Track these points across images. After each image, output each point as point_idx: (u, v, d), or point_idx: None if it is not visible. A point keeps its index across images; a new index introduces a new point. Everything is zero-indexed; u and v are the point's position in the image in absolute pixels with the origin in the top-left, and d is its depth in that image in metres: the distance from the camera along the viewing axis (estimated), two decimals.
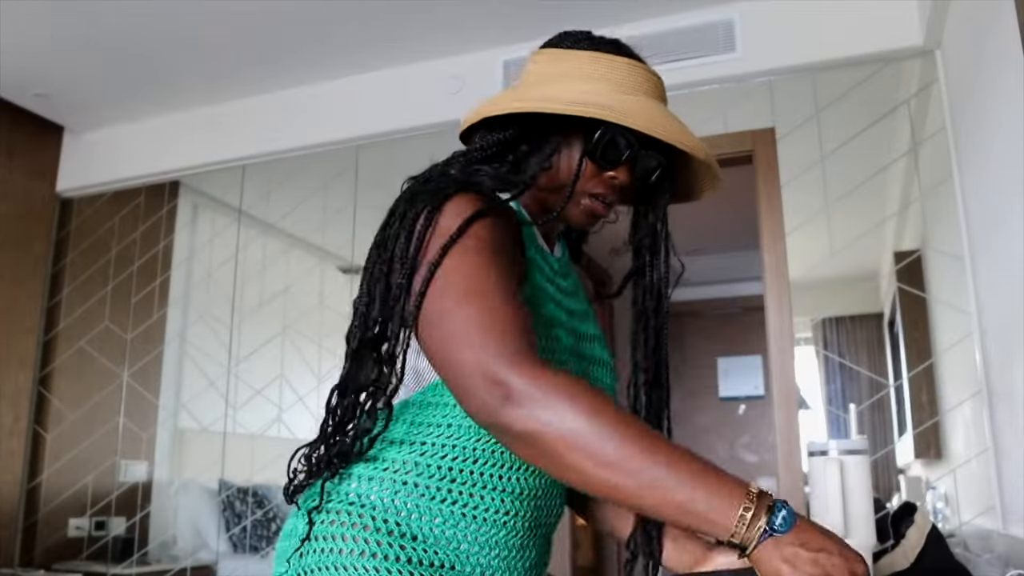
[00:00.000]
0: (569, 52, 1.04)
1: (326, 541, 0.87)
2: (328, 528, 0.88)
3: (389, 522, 0.87)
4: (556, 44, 1.07)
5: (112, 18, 2.67)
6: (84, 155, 3.51)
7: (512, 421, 0.74)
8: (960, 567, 1.29)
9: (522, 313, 0.81)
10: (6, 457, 3.16)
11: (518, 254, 0.93)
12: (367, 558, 0.85)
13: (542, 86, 1.01)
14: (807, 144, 2.47)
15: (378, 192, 3.15)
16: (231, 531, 3.18)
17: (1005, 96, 1.71)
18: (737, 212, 3.06)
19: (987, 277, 2.03)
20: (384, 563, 0.84)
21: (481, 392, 0.75)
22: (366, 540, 0.86)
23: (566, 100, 0.95)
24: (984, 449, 2.08)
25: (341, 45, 2.88)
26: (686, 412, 5.54)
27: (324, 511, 0.89)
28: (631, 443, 0.73)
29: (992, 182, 1.90)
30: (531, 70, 1.06)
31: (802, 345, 2.55)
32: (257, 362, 3.17)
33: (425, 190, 0.90)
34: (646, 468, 0.72)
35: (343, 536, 0.86)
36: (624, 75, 1.02)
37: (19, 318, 3.28)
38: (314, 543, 0.88)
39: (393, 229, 0.89)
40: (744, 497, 0.72)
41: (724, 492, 0.73)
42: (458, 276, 0.82)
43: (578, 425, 0.73)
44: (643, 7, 2.64)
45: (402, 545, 0.86)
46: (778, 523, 0.72)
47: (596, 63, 1.01)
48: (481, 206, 0.88)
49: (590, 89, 0.98)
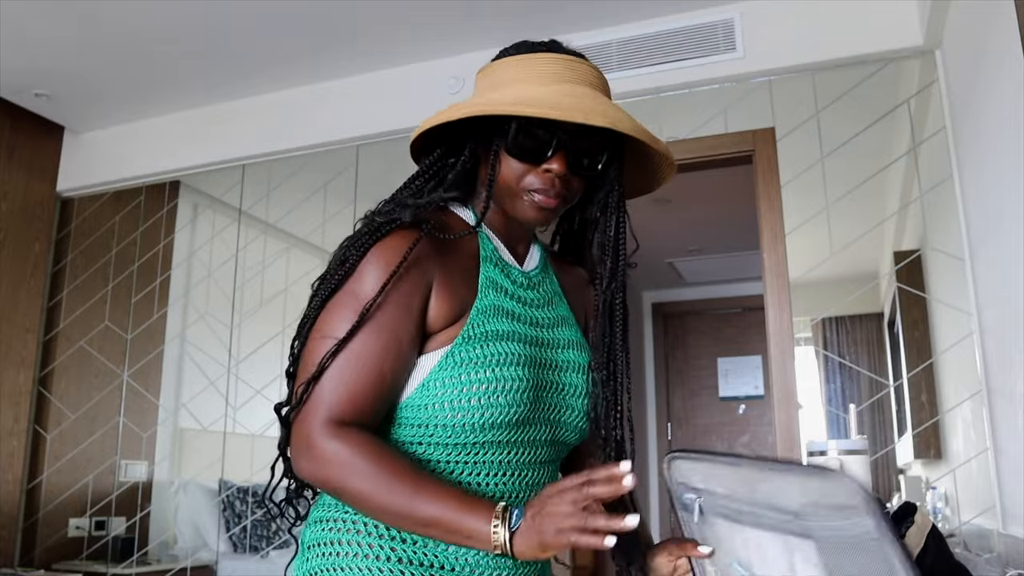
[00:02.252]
0: (494, 64, 1.07)
1: (327, 546, 0.97)
2: (327, 534, 0.98)
3: (380, 526, 0.95)
4: (491, 62, 1.10)
5: (112, 18, 2.67)
6: (84, 155, 3.51)
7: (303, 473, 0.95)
8: (960, 567, 1.29)
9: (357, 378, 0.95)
10: (6, 457, 3.16)
11: (418, 292, 0.98)
12: (360, 559, 0.94)
13: (459, 104, 1.04)
14: (807, 144, 2.47)
15: (378, 192, 3.15)
16: (231, 531, 3.18)
17: (1005, 96, 1.71)
18: (737, 212, 3.06)
19: (987, 277, 2.03)
20: (376, 563, 0.94)
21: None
22: (359, 543, 0.95)
23: (463, 110, 1.00)
24: (984, 449, 2.08)
25: (341, 45, 2.88)
26: (686, 412, 5.54)
27: (324, 520, 1.00)
28: (401, 494, 0.88)
29: (992, 182, 1.90)
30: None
31: (802, 345, 2.55)
32: (257, 362, 3.16)
33: (352, 244, 0.98)
34: (408, 511, 0.88)
35: (339, 540, 0.96)
36: (543, 69, 1.03)
37: (19, 318, 3.28)
38: (317, 548, 0.98)
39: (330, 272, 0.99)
40: (491, 515, 0.85)
41: (478, 514, 0.85)
42: (325, 329, 0.96)
43: (361, 485, 0.90)
44: (643, 7, 2.65)
45: (392, 547, 0.95)
46: (514, 521, 0.84)
47: (514, 67, 1.04)
48: (398, 251, 0.95)
49: (502, 92, 1.02)
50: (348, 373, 0.92)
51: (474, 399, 0.96)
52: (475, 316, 0.99)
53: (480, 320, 0.99)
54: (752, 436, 5.38)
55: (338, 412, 0.92)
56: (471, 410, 0.96)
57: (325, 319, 0.95)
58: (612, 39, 2.73)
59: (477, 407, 0.96)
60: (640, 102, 2.70)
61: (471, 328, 0.98)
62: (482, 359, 0.97)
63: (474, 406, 0.96)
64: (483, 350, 0.98)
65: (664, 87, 2.67)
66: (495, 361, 0.98)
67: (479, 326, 0.99)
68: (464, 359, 0.97)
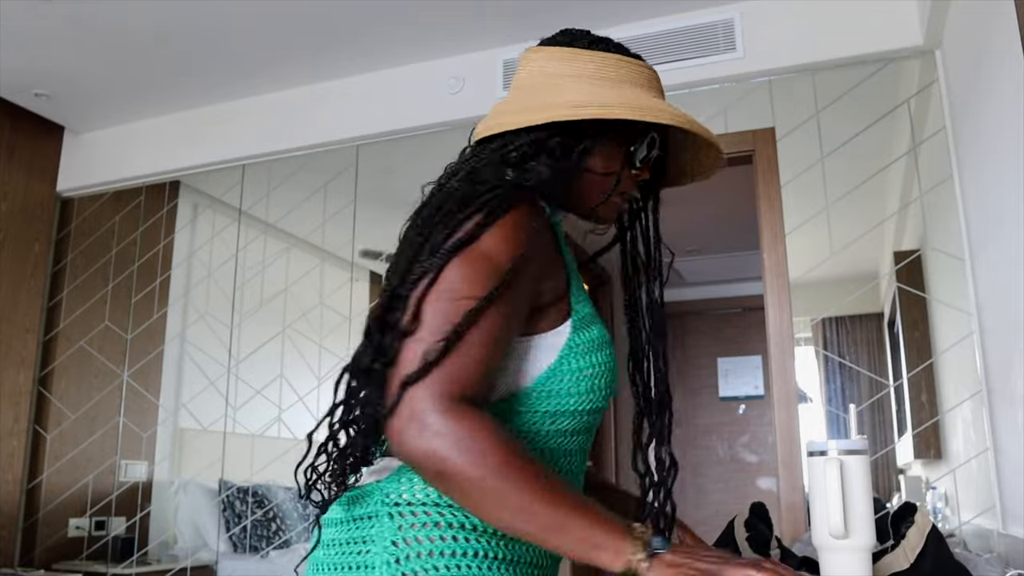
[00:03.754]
0: (573, 51, 1.04)
1: (418, 544, 0.87)
2: (410, 532, 0.87)
3: (458, 515, 0.88)
4: (555, 43, 1.08)
5: (112, 19, 2.67)
6: (84, 155, 3.51)
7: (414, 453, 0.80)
8: (960, 567, 1.29)
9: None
10: (6, 457, 3.16)
11: (543, 268, 0.93)
12: (458, 557, 0.86)
13: (557, 89, 1.00)
14: (807, 144, 2.47)
15: (378, 192, 3.16)
16: (231, 531, 3.18)
17: (1005, 96, 1.71)
18: (737, 212, 3.05)
19: (987, 277, 2.03)
20: (463, 560, 0.86)
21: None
22: (454, 538, 0.87)
23: (601, 104, 0.97)
24: (984, 449, 2.08)
25: (341, 45, 2.88)
26: (686, 412, 5.54)
27: (394, 515, 0.89)
28: (532, 491, 0.79)
29: (992, 182, 1.90)
30: (531, 70, 1.06)
31: (802, 345, 2.55)
32: (257, 362, 3.17)
33: (478, 192, 0.90)
34: (546, 514, 0.79)
35: (429, 538, 0.87)
36: (633, 74, 1.05)
37: (19, 318, 3.28)
38: (404, 548, 0.87)
39: (434, 219, 0.89)
40: (625, 531, 0.80)
41: (611, 526, 0.80)
42: (458, 288, 0.84)
43: (485, 473, 0.78)
44: (643, 7, 2.65)
45: (477, 538, 0.88)
46: (656, 545, 0.79)
47: (604, 63, 1.03)
48: (528, 224, 0.89)
49: (613, 91, 1.00)
50: (478, 343, 0.82)
51: (584, 385, 0.94)
52: (573, 298, 0.97)
53: (577, 303, 0.96)
54: (752, 436, 5.38)
55: (461, 386, 0.81)
56: (581, 396, 0.94)
57: (453, 277, 0.84)
58: (612, 39, 2.72)
59: (587, 393, 0.94)
60: None
61: (575, 311, 0.95)
62: (588, 344, 0.94)
63: (583, 392, 0.93)
64: (587, 334, 0.95)
65: (664, 87, 2.66)
66: (596, 345, 0.95)
67: (579, 309, 0.96)
68: (578, 344, 0.93)
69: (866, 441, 1.10)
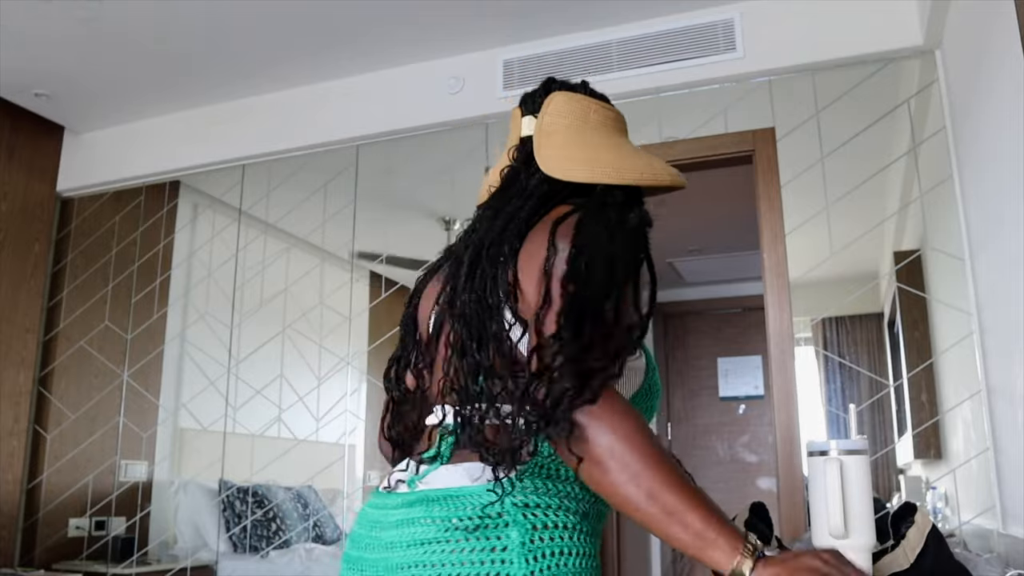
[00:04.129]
0: (598, 108, 1.18)
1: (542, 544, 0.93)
2: (542, 532, 0.94)
3: (572, 517, 0.97)
4: (573, 89, 1.19)
5: (112, 18, 2.67)
6: (84, 155, 3.51)
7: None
8: (960, 567, 1.29)
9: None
10: (6, 457, 3.16)
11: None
12: (575, 556, 0.94)
13: (617, 148, 1.15)
14: (807, 144, 2.47)
15: (378, 192, 3.16)
16: (231, 531, 3.18)
17: (1005, 96, 1.71)
18: (737, 212, 3.06)
19: (987, 277, 2.03)
20: (577, 559, 0.94)
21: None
22: (571, 538, 0.95)
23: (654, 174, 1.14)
24: (984, 449, 2.08)
25: (341, 45, 2.88)
26: (686, 412, 5.54)
27: (528, 516, 0.94)
28: (664, 476, 0.88)
29: (992, 182, 1.90)
30: (567, 110, 1.17)
31: (802, 345, 2.55)
32: (257, 362, 3.17)
33: (638, 234, 1.08)
34: (671, 501, 0.87)
35: (551, 538, 0.94)
36: (625, 129, 1.22)
37: (19, 318, 3.28)
38: (537, 546, 0.93)
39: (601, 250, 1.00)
40: (737, 533, 0.87)
41: (725, 525, 0.87)
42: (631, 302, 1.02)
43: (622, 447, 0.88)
44: (643, 7, 2.65)
45: (581, 538, 0.96)
46: (760, 551, 0.86)
47: (621, 130, 1.20)
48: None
49: (644, 157, 1.16)
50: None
51: (655, 402, 1.12)
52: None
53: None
54: (752, 436, 5.38)
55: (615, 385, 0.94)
56: (652, 412, 1.12)
57: (630, 292, 1.00)
58: (612, 39, 2.73)
59: (654, 410, 1.12)
60: (640, 102, 2.70)
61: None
62: (652, 365, 1.13)
63: (655, 408, 1.13)
64: (648, 356, 1.12)
65: (664, 87, 2.67)
66: (653, 367, 1.13)
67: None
68: (651, 365, 1.13)
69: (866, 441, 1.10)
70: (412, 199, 3.23)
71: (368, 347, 3.11)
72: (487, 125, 2.90)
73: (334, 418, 2.97)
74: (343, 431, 3.01)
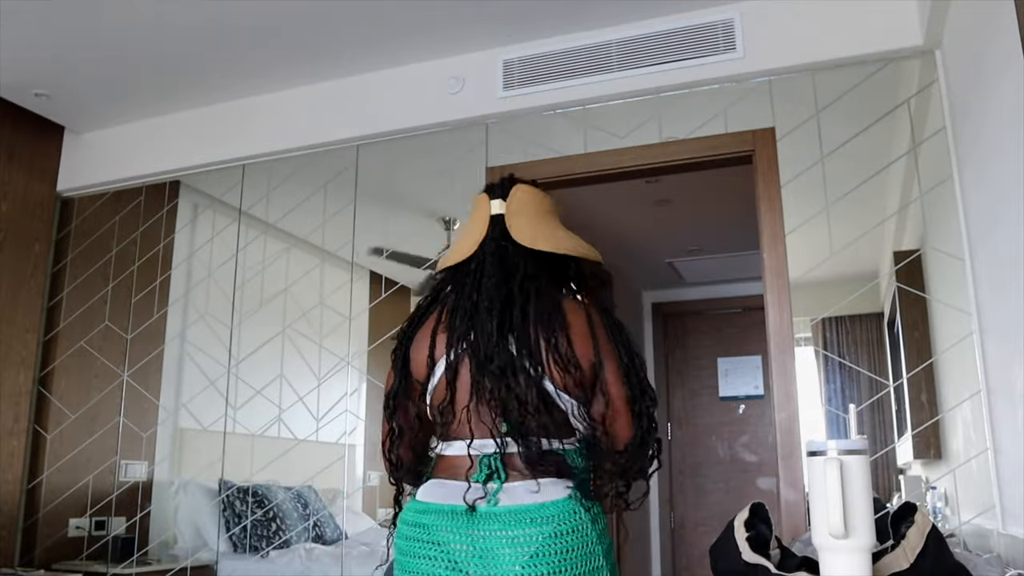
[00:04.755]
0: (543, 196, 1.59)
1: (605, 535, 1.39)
2: (601, 524, 1.39)
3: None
4: (530, 183, 1.60)
5: (112, 18, 2.67)
6: (84, 155, 3.51)
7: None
8: (960, 567, 1.29)
9: None
10: (6, 457, 3.16)
11: None
12: (609, 538, 1.41)
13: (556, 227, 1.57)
14: (807, 144, 2.47)
15: (378, 192, 3.16)
16: (231, 531, 3.18)
17: (1005, 96, 1.71)
18: (737, 212, 3.05)
19: (987, 277, 2.03)
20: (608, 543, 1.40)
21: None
22: (605, 527, 1.40)
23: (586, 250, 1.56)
24: (984, 449, 2.08)
25: (341, 45, 2.88)
26: (686, 412, 5.54)
27: (593, 513, 1.37)
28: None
29: (991, 182, 1.90)
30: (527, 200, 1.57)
31: (802, 345, 2.55)
32: (257, 362, 3.16)
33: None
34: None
35: (604, 530, 1.39)
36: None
37: (19, 318, 3.28)
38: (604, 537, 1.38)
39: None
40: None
41: None
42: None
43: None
44: (643, 7, 2.65)
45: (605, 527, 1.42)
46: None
47: (555, 209, 1.61)
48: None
49: (573, 235, 1.58)
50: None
51: None
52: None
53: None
54: (752, 436, 5.38)
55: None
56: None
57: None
58: (612, 39, 2.73)
59: None
60: (640, 102, 2.70)
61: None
62: None
63: None
64: None
65: (664, 87, 2.67)
66: None
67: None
68: None
69: (866, 441, 1.10)
70: (412, 199, 3.23)
71: (368, 347, 3.11)
72: (487, 125, 2.90)
73: (334, 418, 2.97)
74: (343, 431, 3.01)
